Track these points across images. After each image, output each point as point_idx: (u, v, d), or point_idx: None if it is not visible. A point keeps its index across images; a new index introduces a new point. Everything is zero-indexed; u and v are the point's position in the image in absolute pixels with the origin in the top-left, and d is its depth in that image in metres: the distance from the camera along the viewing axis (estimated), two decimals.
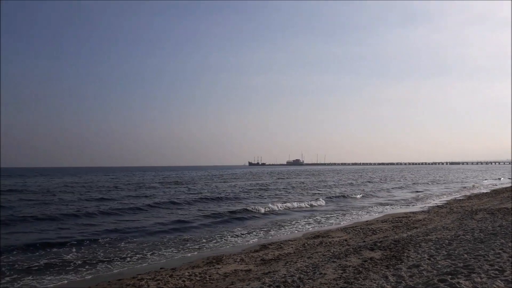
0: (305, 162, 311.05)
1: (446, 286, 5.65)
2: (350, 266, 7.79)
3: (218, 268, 9.17)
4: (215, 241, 13.55)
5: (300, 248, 11.12)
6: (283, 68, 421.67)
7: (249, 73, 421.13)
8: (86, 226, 16.38)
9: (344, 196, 30.38)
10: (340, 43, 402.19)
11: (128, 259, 11.00)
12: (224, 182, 53.04)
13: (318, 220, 18.25)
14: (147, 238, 14.08)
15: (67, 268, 10.04)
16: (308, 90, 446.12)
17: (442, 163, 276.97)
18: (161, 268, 9.63)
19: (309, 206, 24.12)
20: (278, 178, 64.37)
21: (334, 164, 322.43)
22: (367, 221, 17.32)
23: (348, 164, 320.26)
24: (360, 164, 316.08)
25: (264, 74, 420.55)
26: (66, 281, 8.95)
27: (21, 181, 55.47)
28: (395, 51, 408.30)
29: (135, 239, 13.70)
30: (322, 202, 26.04)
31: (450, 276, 6.11)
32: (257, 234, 14.72)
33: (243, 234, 14.68)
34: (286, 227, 16.42)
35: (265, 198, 29.28)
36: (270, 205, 23.14)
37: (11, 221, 17.10)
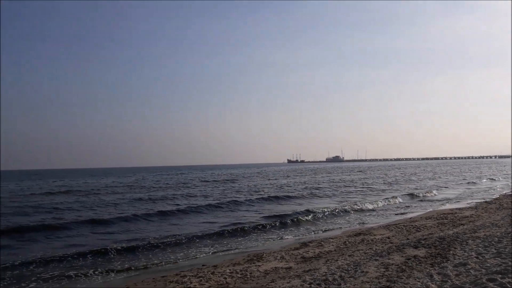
0: (345, 158, 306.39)
1: (495, 286, 5.41)
2: (393, 264, 7.62)
3: (259, 265, 9.23)
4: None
5: (341, 246, 11.00)
6: (317, 63, 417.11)
7: (286, 70, 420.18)
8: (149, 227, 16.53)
9: (415, 195, 27.78)
10: (379, 35, 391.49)
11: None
12: (276, 179, 53.30)
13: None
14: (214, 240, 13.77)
15: (113, 262, 10.44)
16: (346, 85, 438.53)
17: (490, 157, 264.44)
18: (203, 265, 9.81)
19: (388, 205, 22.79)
20: (326, 175, 63.78)
21: (376, 160, 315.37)
22: (410, 218, 16.85)
23: (391, 160, 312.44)
24: (403, 159, 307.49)
25: (301, 70, 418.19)
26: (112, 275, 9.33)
27: (65, 183, 57.37)
28: (439, 42, 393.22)
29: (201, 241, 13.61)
30: (400, 200, 24.70)
31: (500, 276, 5.84)
32: None
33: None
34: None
35: (332, 197, 28.58)
36: (359, 205, 21.92)
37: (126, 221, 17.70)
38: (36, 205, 24.41)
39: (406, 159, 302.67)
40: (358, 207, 21.24)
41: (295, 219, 17.39)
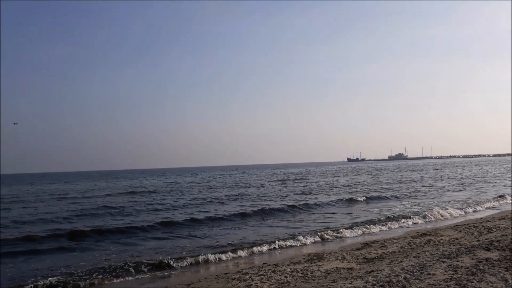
0: (409, 156, 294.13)
1: None
2: (462, 267, 7.24)
3: (320, 265, 9.17)
4: None
5: (406, 247, 10.62)
6: (374, 57, 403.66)
7: (338, 66, 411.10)
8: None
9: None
10: (443, 23, 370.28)
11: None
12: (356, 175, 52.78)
13: None
14: None
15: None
16: (407, 79, 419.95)
17: None
18: (264, 264, 9.94)
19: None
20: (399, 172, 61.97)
21: (442, 157, 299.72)
22: (481, 218, 15.87)
23: (458, 157, 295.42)
24: (472, 156, 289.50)
25: (358, 65, 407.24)
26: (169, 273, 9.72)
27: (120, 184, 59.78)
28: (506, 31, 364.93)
29: None
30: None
31: None
32: None
33: None
34: None
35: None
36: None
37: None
38: (131, 205, 25.85)
39: (476, 156, 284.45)
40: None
41: None
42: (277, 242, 12.78)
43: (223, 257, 11.27)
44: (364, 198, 25.91)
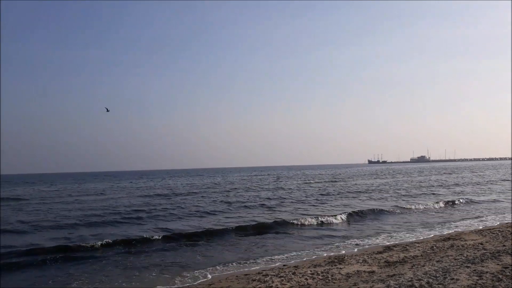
0: (431, 158, 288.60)
1: None
2: (487, 272, 7.11)
3: (340, 268, 9.12)
4: None
5: (428, 251, 10.46)
6: (395, 58, 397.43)
7: (358, 67, 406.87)
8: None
9: None
10: (471, 23, 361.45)
11: None
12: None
13: None
14: None
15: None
16: (432, 80, 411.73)
17: None
18: (284, 265, 9.95)
19: None
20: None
21: (465, 160, 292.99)
22: (507, 223, 15.48)
23: (483, 160, 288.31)
24: (497, 159, 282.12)
25: (377, 66, 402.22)
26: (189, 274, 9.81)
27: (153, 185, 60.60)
28: None
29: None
30: None
31: None
32: None
33: None
34: None
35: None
36: None
37: None
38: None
39: (501, 159, 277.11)
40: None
41: None
42: None
43: None
44: None
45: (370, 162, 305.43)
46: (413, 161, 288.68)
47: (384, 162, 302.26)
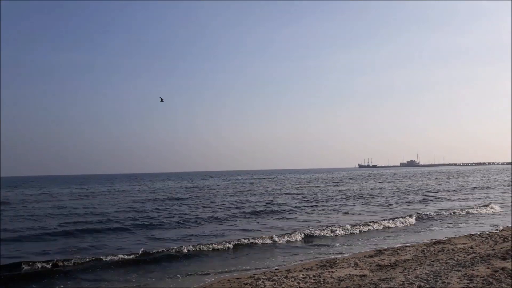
0: (421, 163, 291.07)
1: None
2: (477, 276, 7.16)
3: (332, 271, 9.12)
4: None
5: (419, 255, 10.51)
6: (386, 65, 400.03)
7: (353, 72, 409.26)
8: None
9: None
10: (463, 31, 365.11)
11: None
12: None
13: None
14: None
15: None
16: (425, 86, 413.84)
17: None
18: (276, 269, 9.93)
19: None
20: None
21: (454, 164, 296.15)
22: (497, 228, 15.64)
23: (471, 164, 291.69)
24: (485, 164, 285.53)
25: (368, 72, 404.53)
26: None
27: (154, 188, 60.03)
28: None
29: None
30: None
31: None
32: None
33: None
34: None
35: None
36: None
37: None
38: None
39: (489, 164, 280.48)
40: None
41: None
42: None
43: None
44: None
45: (360, 166, 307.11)
46: (402, 165, 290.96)
47: (374, 166, 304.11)
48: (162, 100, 19.87)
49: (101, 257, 11.54)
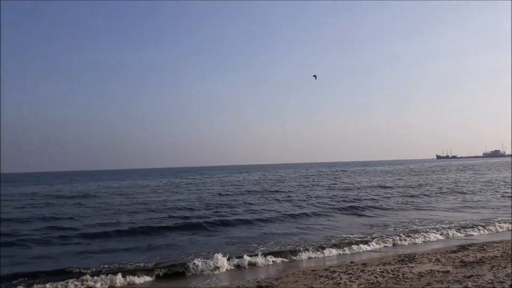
0: (506, 153, 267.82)
1: None
2: None
3: (411, 267, 8.80)
4: None
5: (509, 251, 9.76)
6: (461, 50, 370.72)
7: (424, 61, 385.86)
8: None
9: None
10: None
11: None
12: None
13: None
14: None
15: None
16: (506, 72, 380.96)
17: None
18: (351, 262, 9.78)
19: None
20: None
21: None
22: None
23: None
24: None
25: (443, 59, 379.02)
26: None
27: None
28: None
29: None
30: None
31: None
32: None
33: None
34: None
35: None
36: None
37: None
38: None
39: None
40: None
41: None
42: None
43: None
44: None
45: (438, 157, 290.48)
46: (485, 155, 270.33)
47: (454, 157, 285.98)
48: (315, 78, 20.19)
49: None
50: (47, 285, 8.64)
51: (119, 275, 9.10)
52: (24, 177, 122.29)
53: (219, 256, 10.28)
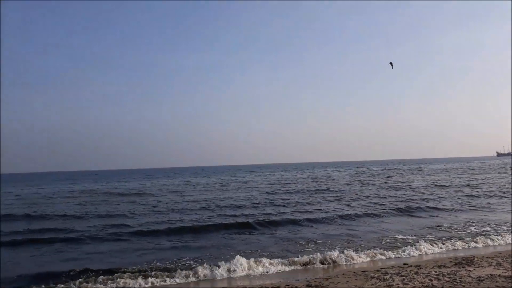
0: None
1: None
2: None
3: (470, 270, 8.36)
4: None
5: None
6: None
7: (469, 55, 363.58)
8: None
9: None
10: None
11: None
12: None
13: None
14: None
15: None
16: None
17: None
18: (404, 264, 9.45)
19: None
20: None
21: None
22: None
23: None
24: None
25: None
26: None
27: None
28: None
29: None
30: None
31: None
32: None
33: None
34: None
35: None
36: None
37: None
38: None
39: None
40: None
41: None
42: None
43: None
44: None
45: (499, 154, 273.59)
46: None
47: None
48: (392, 66, 20.01)
49: None
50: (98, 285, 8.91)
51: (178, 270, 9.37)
52: (81, 175, 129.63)
53: (263, 258, 10.28)
